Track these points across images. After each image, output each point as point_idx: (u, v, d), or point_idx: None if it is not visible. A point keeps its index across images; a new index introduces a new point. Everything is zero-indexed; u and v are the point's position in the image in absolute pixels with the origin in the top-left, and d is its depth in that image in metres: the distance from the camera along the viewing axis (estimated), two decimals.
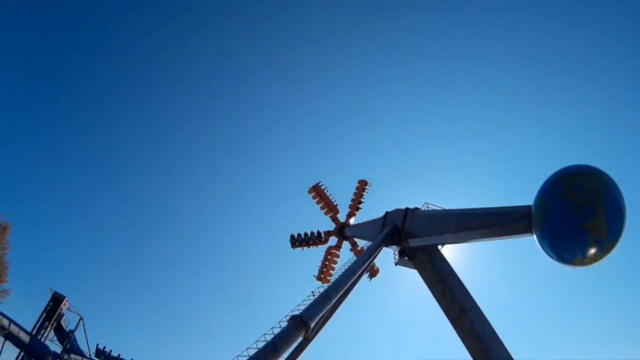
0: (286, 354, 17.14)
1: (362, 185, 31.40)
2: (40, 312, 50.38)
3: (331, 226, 31.78)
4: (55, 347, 49.95)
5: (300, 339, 14.15)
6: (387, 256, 23.46)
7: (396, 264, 22.93)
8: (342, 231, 30.91)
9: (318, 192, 31.71)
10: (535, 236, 14.57)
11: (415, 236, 20.90)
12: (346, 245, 31.52)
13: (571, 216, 12.84)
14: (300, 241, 31.63)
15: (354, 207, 31.11)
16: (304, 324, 13.04)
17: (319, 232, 31.33)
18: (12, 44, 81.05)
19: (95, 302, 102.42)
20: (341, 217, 31.77)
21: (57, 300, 50.95)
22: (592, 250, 12.94)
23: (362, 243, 30.09)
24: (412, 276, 22.40)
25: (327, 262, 29.96)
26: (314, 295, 14.29)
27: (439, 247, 21.91)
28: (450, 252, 22.16)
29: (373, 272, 30.33)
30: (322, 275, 29.23)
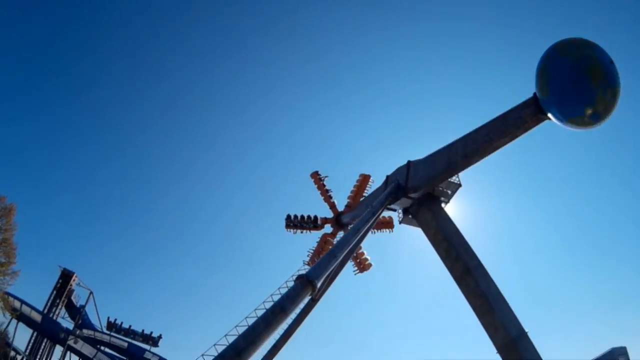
0: (294, 314, 16.74)
1: (366, 179, 29.90)
2: (50, 290, 49.94)
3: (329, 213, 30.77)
4: (67, 323, 49.86)
5: (307, 299, 13.54)
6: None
7: (400, 222, 22.52)
8: (339, 220, 29.58)
9: (315, 180, 30.78)
10: (544, 107, 14.74)
11: (421, 187, 20.08)
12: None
13: (571, 66, 13.72)
14: (295, 224, 30.65)
15: (355, 200, 29.55)
16: (311, 283, 12.43)
17: (315, 217, 30.30)
18: None
19: (104, 275, 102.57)
20: (341, 207, 30.58)
21: (66, 276, 50.60)
22: (598, 96, 13.56)
23: None
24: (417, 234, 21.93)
25: (321, 249, 28.50)
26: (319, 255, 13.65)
27: (443, 205, 21.54)
28: (454, 211, 21.78)
29: (364, 267, 28.84)
30: (315, 259, 27.80)
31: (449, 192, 21.90)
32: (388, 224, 28.81)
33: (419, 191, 20.32)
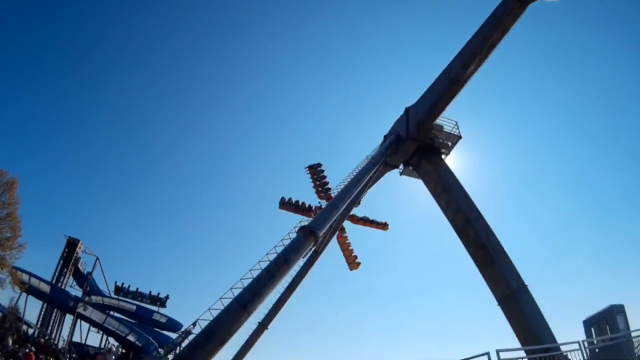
0: (297, 267, 16.91)
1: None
2: (57, 259, 50.48)
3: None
4: (76, 291, 50.43)
5: (310, 250, 13.57)
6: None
7: (401, 174, 22.38)
8: None
9: (311, 173, 29.13)
10: None
11: (425, 119, 19.54)
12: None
13: None
14: (290, 204, 29.31)
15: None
16: (313, 234, 12.40)
17: (310, 206, 28.88)
18: None
19: (108, 240, 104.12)
20: None
21: (72, 245, 50.77)
22: None
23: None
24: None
25: None
26: (321, 207, 13.55)
27: (443, 157, 21.34)
28: (454, 164, 21.60)
29: (354, 265, 27.74)
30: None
31: (449, 144, 21.70)
32: (384, 226, 28.89)
33: (423, 128, 19.75)
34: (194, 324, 10.35)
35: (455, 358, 9.46)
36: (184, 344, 10.31)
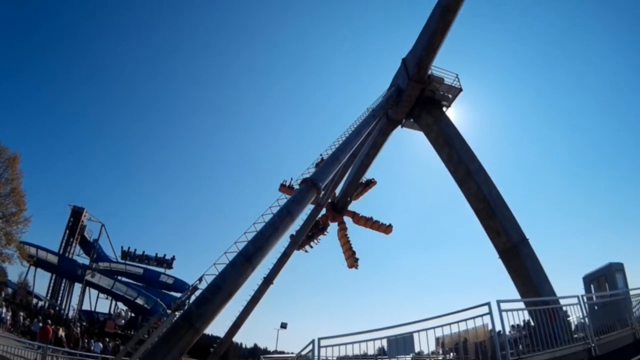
0: (301, 221, 16.94)
1: (370, 184, 27.76)
2: (63, 230, 51.04)
3: None
4: (84, 260, 51.61)
5: (312, 200, 13.51)
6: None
7: (402, 127, 22.23)
8: (335, 206, 26.90)
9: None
10: None
11: (424, 55, 18.57)
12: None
13: None
14: (291, 188, 28.65)
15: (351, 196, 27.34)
16: (315, 186, 12.31)
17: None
18: None
19: (112, 206, 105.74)
20: None
21: (77, 213, 51.56)
22: None
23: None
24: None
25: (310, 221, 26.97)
26: (322, 158, 13.37)
27: (444, 109, 21.10)
28: (456, 117, 21.32)
29: (352, 262, 26.75)
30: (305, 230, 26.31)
31: (450, 96, 21.43)
32: (387, 228, 27.29)
33: (423, 66, 19.04)
34: (200, 280, 10.42)
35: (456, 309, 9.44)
36: (191, 300, 10.36)
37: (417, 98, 20.29)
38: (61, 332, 26.52)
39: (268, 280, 21.65)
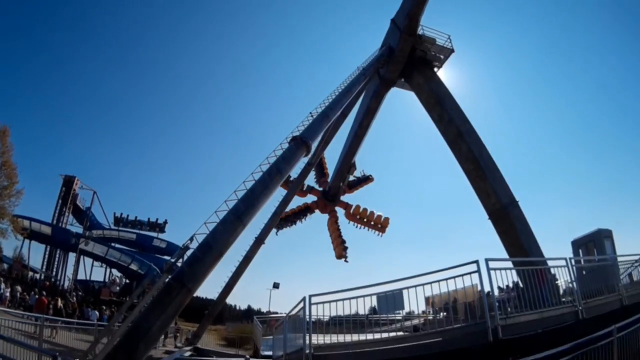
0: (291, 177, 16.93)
1: (367, 181, 27.49)
2: (55, 200, 50.59)
3: None
4: (77, 229, 51.49)
5: (303, 160, 13.42)
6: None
7: (394, 86, 21.91)
8: (326, 195, 26.54)
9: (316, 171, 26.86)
10: None
11: (416, 14, 18.47)
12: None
13: None
14: (286, 182, 27.67)
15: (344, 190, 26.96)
16: (305, 144, 12.18)
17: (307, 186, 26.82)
18: None
19: (105, 173, 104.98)
20: None
21: (68, 182, 50.99)
22: None
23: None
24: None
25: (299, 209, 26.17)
26: (312, 116, 13.17)
27: (435, 70, 20.84)
28: (447, 76, 21.04)
29: (340, 251, 26.38)
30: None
31: (442, 57, 21.10)
32: (381, 228, 26.69)
33: (414, 18, 18.80)
34: (191, 239, 10.37)
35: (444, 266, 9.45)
36: (183, 261, 10.32)
37: (408, 56, 19.94)
38: (60, 304, 26.87)
39: (260, 240, 21.83)
